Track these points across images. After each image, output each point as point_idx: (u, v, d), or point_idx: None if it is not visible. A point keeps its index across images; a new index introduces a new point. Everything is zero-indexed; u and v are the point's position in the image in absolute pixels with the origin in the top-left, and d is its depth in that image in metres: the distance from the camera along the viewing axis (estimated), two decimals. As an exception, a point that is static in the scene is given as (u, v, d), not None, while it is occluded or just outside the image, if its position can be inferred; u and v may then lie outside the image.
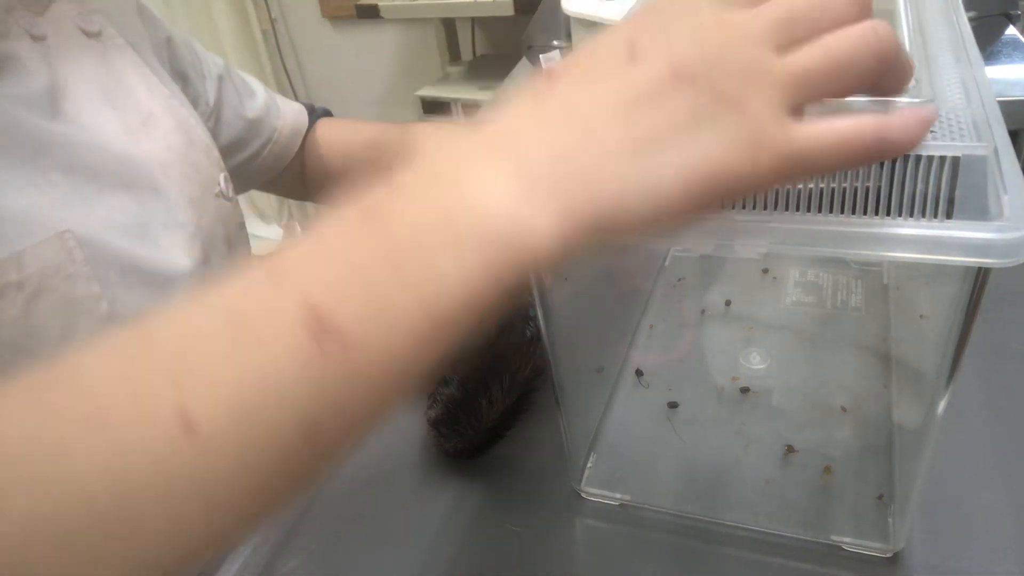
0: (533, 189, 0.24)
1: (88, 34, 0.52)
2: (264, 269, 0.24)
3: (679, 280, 0.70)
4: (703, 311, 0.65)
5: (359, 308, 0.22)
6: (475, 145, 0.25)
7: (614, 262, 0.62)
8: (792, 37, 0.25)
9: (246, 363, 0.22)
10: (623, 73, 0.25)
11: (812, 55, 0.25)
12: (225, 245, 0.56)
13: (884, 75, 0.26)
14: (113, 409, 0.21)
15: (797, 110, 0.25)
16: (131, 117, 0.51)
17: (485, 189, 0.24)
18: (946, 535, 0.45)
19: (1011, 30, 0.96)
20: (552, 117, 0.25)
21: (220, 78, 0.67)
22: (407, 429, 0.58)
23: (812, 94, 0.25)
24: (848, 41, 0.25)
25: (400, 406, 0.24)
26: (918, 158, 0.28)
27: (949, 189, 0.28)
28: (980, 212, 0.28)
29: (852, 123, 0.25)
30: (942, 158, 0.28)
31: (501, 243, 0.23)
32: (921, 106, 0.27)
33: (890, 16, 0.42)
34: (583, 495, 0.52)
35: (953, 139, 0.28)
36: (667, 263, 0.72)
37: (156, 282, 0.48)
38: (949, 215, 0.28)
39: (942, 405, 0.37)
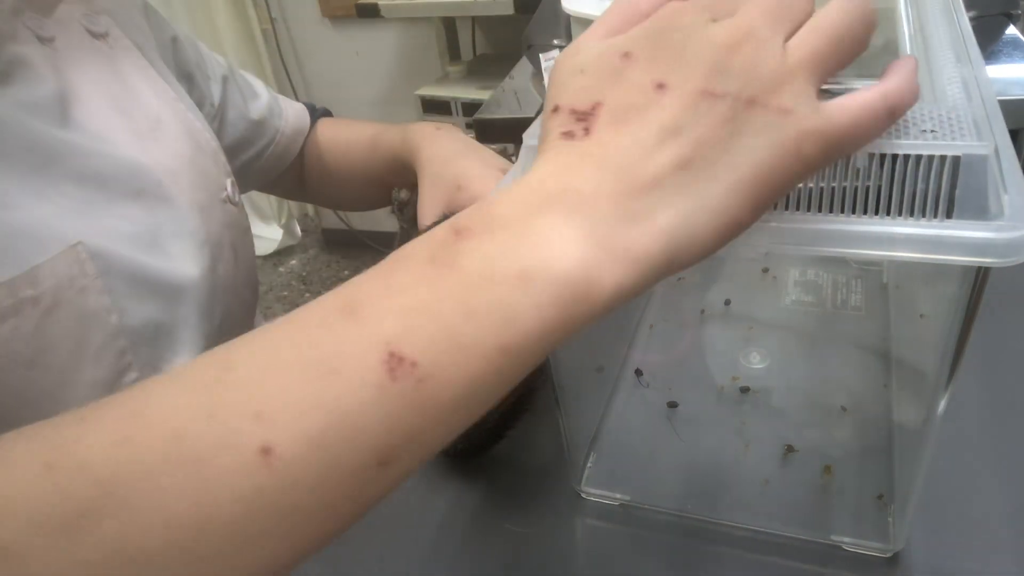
0: (600, 242, 0.24)
1: (95, 35, 0.51)
2: (339, 302, 0.24)
3: (679, 280, 0.70)
4: (703, 311, 0.65)
5: (432, 342, 0.23)
6: (529, 195, 0.25)
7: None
8: (791, 25, 0.26)
9: (325, 394, 0.23)
10: (656, 103, 0.25)
11: (816, 36, 0.26)
12: (232, 252, 0.55)
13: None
14: (195, 440, 0.22)
15: (819, 92, 0.26)
16: (140, 124, 0.51)
17: (553, 240, 0.24)
18: (946, 535, 0.45)
19: (1011, 30, 0.96)
20: (601, 164, 0.25)
21: (224, 79, 0.66)
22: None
23: (827, 73, 0.26)
24: (839, 15, 0.26)
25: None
26: (918, 158, 0.28)
27: (949, 189, 0.28)
28: (980, 212, 0.28)
29: (870, 92, 0.26)
30: (942, 158, 0.28)
31: (572, 289, 0.24)
32: (901, 60, 0.28)
33: (890, 15, 0.42)
34: (583, 495, 0.52)
35: (953, 138, 0.28)
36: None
37: (165, 292, 0.47)
38: (949, 215, 0.28)
39: (942, 405, 0.37)
